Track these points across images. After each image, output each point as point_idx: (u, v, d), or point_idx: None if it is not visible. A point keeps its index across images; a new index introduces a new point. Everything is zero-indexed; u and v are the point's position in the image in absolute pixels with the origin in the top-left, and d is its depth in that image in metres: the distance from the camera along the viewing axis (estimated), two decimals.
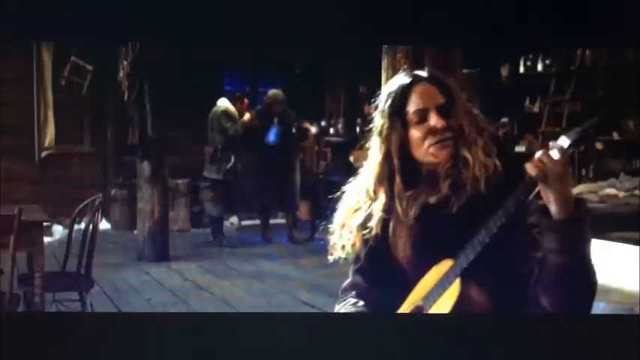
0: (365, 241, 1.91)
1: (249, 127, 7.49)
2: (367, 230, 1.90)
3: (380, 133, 1.87)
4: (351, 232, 1.93)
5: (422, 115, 1.82)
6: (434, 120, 1.81)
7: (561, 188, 1.60)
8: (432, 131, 1.81)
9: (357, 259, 1.97)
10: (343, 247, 1.96)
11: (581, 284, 1.68)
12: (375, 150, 1.90)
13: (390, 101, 1.86)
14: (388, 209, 1.88)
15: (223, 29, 2.74)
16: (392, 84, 1.89)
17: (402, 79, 1.88)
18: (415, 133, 1.83)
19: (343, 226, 1.96)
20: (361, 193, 1.94)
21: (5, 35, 2.71)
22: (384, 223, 1.88)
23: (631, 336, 2.14)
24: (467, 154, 1.79)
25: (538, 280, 1.70)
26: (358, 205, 1.94)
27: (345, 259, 1.98)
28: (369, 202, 1.92)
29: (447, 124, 1.81)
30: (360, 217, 1.92)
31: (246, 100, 7.81)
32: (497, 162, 1.79)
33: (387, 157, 1.87)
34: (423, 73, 1.88)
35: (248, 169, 7.59)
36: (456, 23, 2.70)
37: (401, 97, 1.84)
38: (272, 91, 7.77)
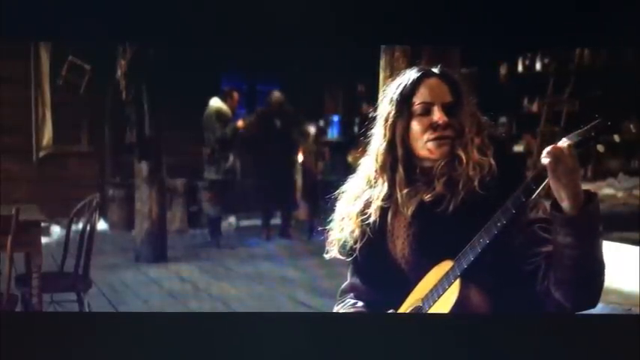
0: (363, 232, 1.91)
1: (249, 133, 7.47)
2: (366, 216, 1.90)
3: (386, 120, 1.89)
4: (350, 220, 1.93)
5: (426, 109, 1.84)
6: (437, 116, 1.82)
7: (572, 184, 1.61)
8: (432, 126, 1.83)
9: (354, 259, 1.97)
10: (339, 240, 1.96)
11: (595, 275, 1.70)
12: (378, 138, 1.91)
13: (399, 90, 1.87)
14: (388, 197, 1.89)
15: (221, 29, 2.73)
16: (404, 76, 1.90)
17: (414, 71, 1.90)
18: (416, 125, 1.84)
19: (343, 219, 1.96)
20: (362, 180, 1.95)
21: (4, 35, 2.70)
22: (383, 211, 1.89)
23: (631, 336, 2.14)
24: (461, 153, 1.80)
25: (547, 275, 1.70)
26: (358, 193, 1.95)
27: (348, 253, 1.97)
28: (369, 189, 1.92)
29: (449, 122, 1.82)
30: (359, 204, 1.93)
31: (235, 94, 7.77)
32: (493, 162, 1.79)
33: (390, 145, 1.88)
34: (436, 70, 1.89)
35: (248, 168, 7.60)
36: (454, 23, 2.69)
37: (410, 87, 1.86)
38: (276, 93, 7.73)
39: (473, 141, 1.82)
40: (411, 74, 1.89)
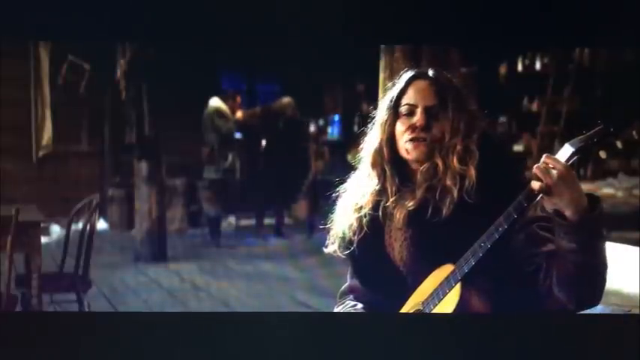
0: (360, 225, 1.91)
1: (248, 125, 7.49)
2: (362, 208, 1.93)
3: (379, 120, 1.93)
4: (349, 212, 1.95)
5: (410, 110, 1.87)
6: (416, 117, 1.84)
7: (570, 192, 1.61)
8: (411, 127, 1.85)
9: (353, 260, 1.97)
10: (339, 234, 1.96)
11: (598, 276, 1.70)
12: (372, 136, 1.94)
13: (392, 92, 1.91)
14: (380, 192, 1.91)
15: (221, 29, 2.73)
16: (400, 77, 1.94)
17: (408, 72, 1.93)
18: (399, 126, 1.88)
19: (343, 211, 1.97)
20: (362, 175, 1.96)
21: (4, 35, 2.70)
22: (377, 204, 1.90)
23: (631, 336, 2.15)
24: (439, 160, 1.81)
25: (549, 275, 1.70)
26: (358, 187, 1.97)
27: (346, 246, 1.97)
28: (368, 183, 1.94)
29: (428, 124, 1.84)
30: (358, 197, 1.95)
31: (238, 98, 7.80)
32: (473, 172, 1.78)
33: (380, 144, 1.91)
34: (430, 72, 1.91)
35: (248, 167, 7.61)
36: (454, 23, 2.70)
37: (400, 88, 1.90)
38: (285, 98, 7.72)
39: (455, 148, 1.81)
40: (404, 76, 1.93)
